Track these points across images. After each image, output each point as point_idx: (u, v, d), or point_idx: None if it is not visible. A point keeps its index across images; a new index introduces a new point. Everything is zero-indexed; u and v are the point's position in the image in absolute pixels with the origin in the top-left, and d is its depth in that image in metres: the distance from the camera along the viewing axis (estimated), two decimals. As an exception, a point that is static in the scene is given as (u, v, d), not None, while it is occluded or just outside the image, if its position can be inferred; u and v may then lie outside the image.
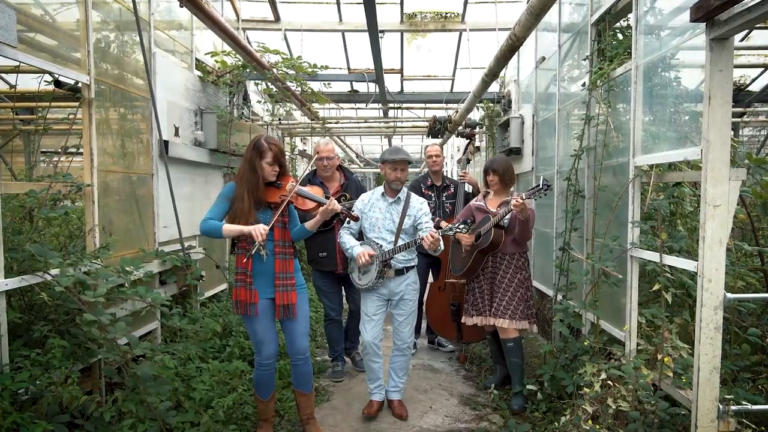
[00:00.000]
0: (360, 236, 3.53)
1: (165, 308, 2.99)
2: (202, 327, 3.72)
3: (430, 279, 4.87)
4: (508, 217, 3.60)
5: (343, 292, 4.32)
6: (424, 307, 4.93)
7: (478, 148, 8.18)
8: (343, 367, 4.31)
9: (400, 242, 3.36)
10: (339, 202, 3.90)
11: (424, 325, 5.13)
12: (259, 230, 2.71)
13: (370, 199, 3.53)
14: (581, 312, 3.51)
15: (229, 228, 2.78)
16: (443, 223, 4.37)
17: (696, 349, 2.34)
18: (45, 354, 2.44)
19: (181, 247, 4.07)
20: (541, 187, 3.34)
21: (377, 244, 3.36)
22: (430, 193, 4.62)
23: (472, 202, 3.97)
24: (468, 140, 5.29)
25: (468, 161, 5.13)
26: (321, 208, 2.91)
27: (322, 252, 4.01)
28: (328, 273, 4.08)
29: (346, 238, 3.45)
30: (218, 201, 2.89)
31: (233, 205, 2.84)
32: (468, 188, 4.84)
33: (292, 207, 3.01)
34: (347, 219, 3.36)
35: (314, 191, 3.02)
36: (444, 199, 4.70)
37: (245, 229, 2.75)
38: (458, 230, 3.10)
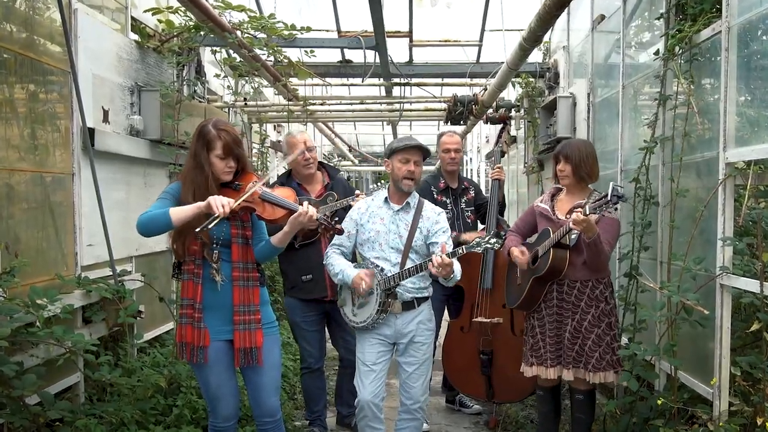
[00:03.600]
0: (355, 258, 3.53)
1: (90, 355, 3.00)
2: (140, 381, 3.72)
3: (446, 316, 4.88)
4: (576, 232, 3.40)
5: (327, 333, 4.31)
6: (439, 354, 4.92)
7: (514, 138, 8.21)
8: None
9: (409, 264, 3.36)
10: (322, 204, 3.90)
11: (438, 378, 5.14)
12: (219, 201, 2.66)
13: (369, 206, 3.54)
14: (653, 360, 3.51)
15: (179, 211, 2.74)
16: (465, 236, 4.37)
17: (810, 410, 2.35)
18: (-72, 417, 2.46)
19: (112, 273, 4.09)
20: (609, 197, 3.04)
21: (377, 266, 3.37)
22: (444, 199, 4.63)
23: (537, 203, 3.83)
24: (502, 125, 5.31)
25: (503, 154, 5.13)
26: (291, 217, 2.90)
27: (307, 274, 3.96)
28: (312, 303, 4.05)
29: (334, 258, 3.45)
30: (163, 197, 2.89)
31: None
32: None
33: (256, 217, 3.01)
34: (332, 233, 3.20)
35: (284, 194, 3.01)
36: (463, 206, 4.72)
37: (201, 204, 2.71)
38: (489, 246, 3.07)
